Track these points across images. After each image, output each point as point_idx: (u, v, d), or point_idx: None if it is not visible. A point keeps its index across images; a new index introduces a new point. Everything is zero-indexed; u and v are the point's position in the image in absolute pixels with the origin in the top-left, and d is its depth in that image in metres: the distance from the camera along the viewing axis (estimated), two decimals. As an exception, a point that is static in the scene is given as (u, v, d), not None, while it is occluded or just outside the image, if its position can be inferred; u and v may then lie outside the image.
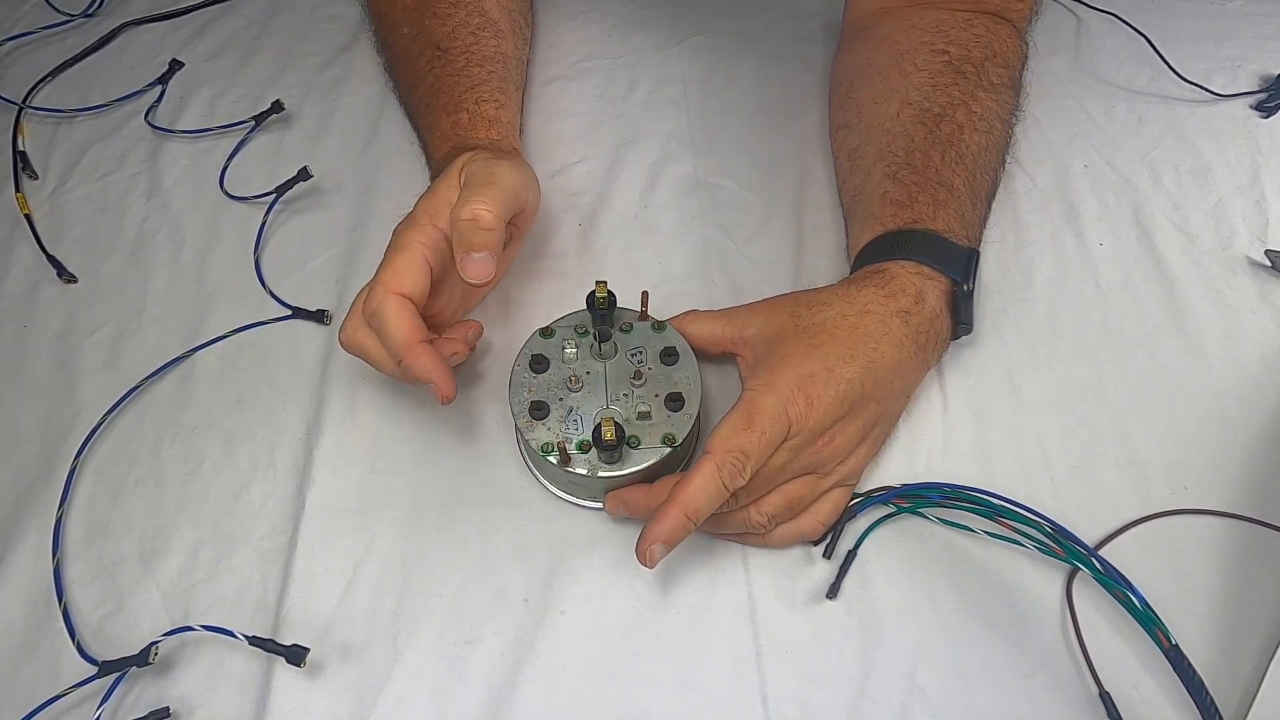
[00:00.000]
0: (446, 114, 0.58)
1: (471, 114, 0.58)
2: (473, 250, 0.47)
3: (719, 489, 0.42)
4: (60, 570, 0.49)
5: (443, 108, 0.58)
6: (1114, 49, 0.73)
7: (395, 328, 0.46)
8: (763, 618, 0.47)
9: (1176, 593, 0.47)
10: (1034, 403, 0.54)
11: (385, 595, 0.48)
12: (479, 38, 0.62)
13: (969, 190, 0.54)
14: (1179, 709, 0.44)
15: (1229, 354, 0.56)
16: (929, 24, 0.60)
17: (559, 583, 0.48)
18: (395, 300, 0.47)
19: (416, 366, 0.46)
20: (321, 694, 0.45)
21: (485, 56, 0.61)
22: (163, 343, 0.58)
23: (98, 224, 0.64)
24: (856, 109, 0.60)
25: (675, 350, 0.50)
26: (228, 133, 0.69)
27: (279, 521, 0.51)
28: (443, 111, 0.58)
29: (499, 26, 0.64)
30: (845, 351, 0.46)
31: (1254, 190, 0.64)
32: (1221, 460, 0.52)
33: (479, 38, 0.62)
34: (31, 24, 0.77)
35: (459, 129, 0.57)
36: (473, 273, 0.47)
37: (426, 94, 0.60)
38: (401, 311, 0.47)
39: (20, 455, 0.54)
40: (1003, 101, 0.58)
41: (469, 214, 0.47)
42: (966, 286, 0.50)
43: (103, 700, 0.44)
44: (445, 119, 0.58)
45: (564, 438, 0.47)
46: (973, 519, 0.48)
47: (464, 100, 0.58)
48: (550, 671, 0.45)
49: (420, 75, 0.61)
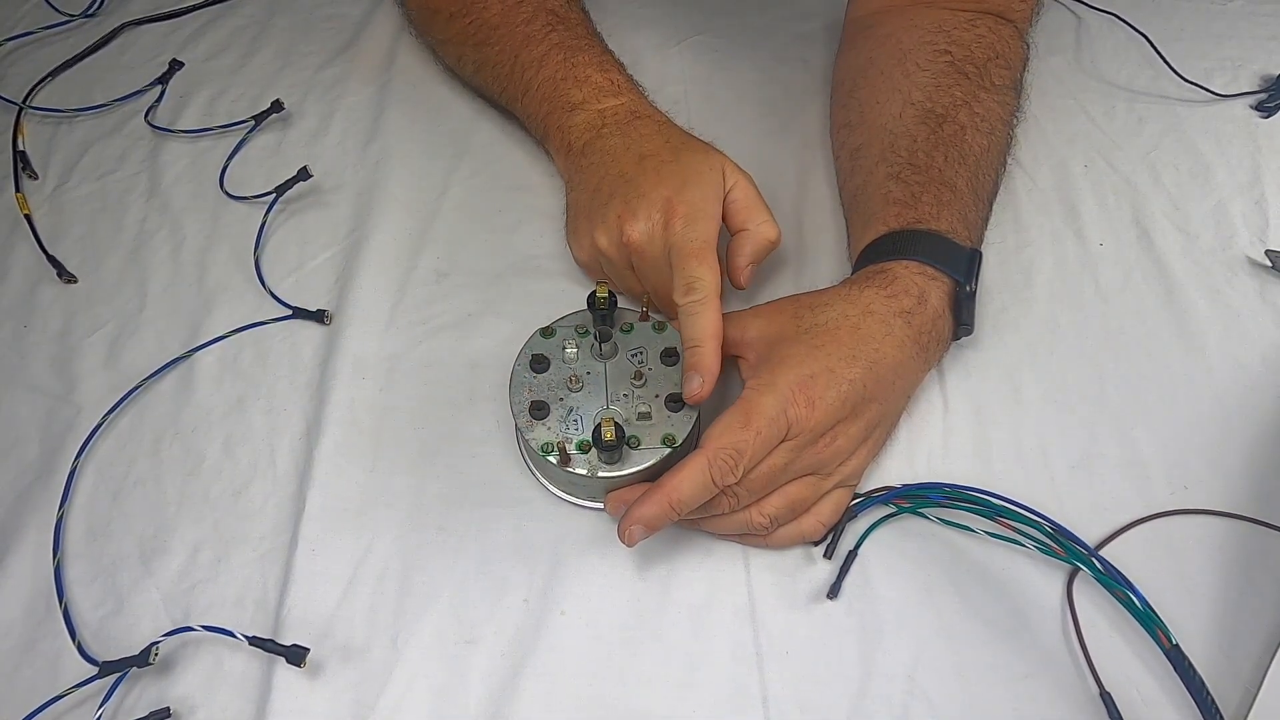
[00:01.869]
0: (598, 70, 0.59)
1: (618, 72, 0.60)
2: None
3: (707, 484, 0.42)
4: (60, 570, 0.49)
5: (587, 63, 0.59)
6: (1114, 49, 0.73)
7: (713, 322, 0.46)
8: (763, 618, 0.47)
9: (1177, 593, 0.47)
10: (1034, 403, 0.54)
11: (385, 595, 0.48)
12: (583, 16, 0.64)
13: (971, 191, 0.54)
14: (1179, 709, 0.44)
15: (1229, 354, 0.56)
16: (932, 24, 0.60)
17: (559, 583, 0.48)
18: (718, 303, 0.47)
19: (709, 359, 0.46)
20: (322, 694, 0.45)
21: (593, 32, 0.63)
22: (162, 343, 0.58)
23: (97, 224, 0.64)
24: (858, 108, 0.60)
25: (676, 351, 0.50)
26: (227, 132, 0.69)
27: (279, 522, 0.51)
28: (589, 66, 0.59)
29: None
30: (847, 352, 0.46)
31: (1254, 190, 0.64)
32: (1221, 460, 0.52)
33: (583, 16, 0.64)
34: (31, 24, 0.77)
35: (619, 89, 0.59)
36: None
37: (549, 49, 0.60)
38: (719, 314, 0.47)
39: (20, 455, 0.54)
40: (1004, 103, 0.58)
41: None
42: (969, 287, 0.50)
43: (103, 701, 0.44)
44: (596, 75, 0.59)
45: (564, 438, 0.47)
46: (973, 519, 0.48)
47: (604, 62, 0.60)
48: (550, 671, 0.45)
49: (535, 36, 0.61)
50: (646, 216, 0.50)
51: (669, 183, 0.51)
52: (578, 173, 0.57)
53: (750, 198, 0.53)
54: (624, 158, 0.54)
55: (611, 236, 0.52)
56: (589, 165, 0.56)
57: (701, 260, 0.48)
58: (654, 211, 0.50)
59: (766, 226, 0.53)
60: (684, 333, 0.47)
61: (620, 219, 0.51)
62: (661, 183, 0.51)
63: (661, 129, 0.56)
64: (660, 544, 0.49)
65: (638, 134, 0.56)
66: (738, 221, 0.53)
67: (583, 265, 0.58)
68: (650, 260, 0.51)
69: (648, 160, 0.53)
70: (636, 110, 0.58)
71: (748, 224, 0.52)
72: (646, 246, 0.51)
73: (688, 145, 0.54)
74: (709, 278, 0.47)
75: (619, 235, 0.51)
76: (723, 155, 0.54)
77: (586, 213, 0.55)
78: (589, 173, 0.56)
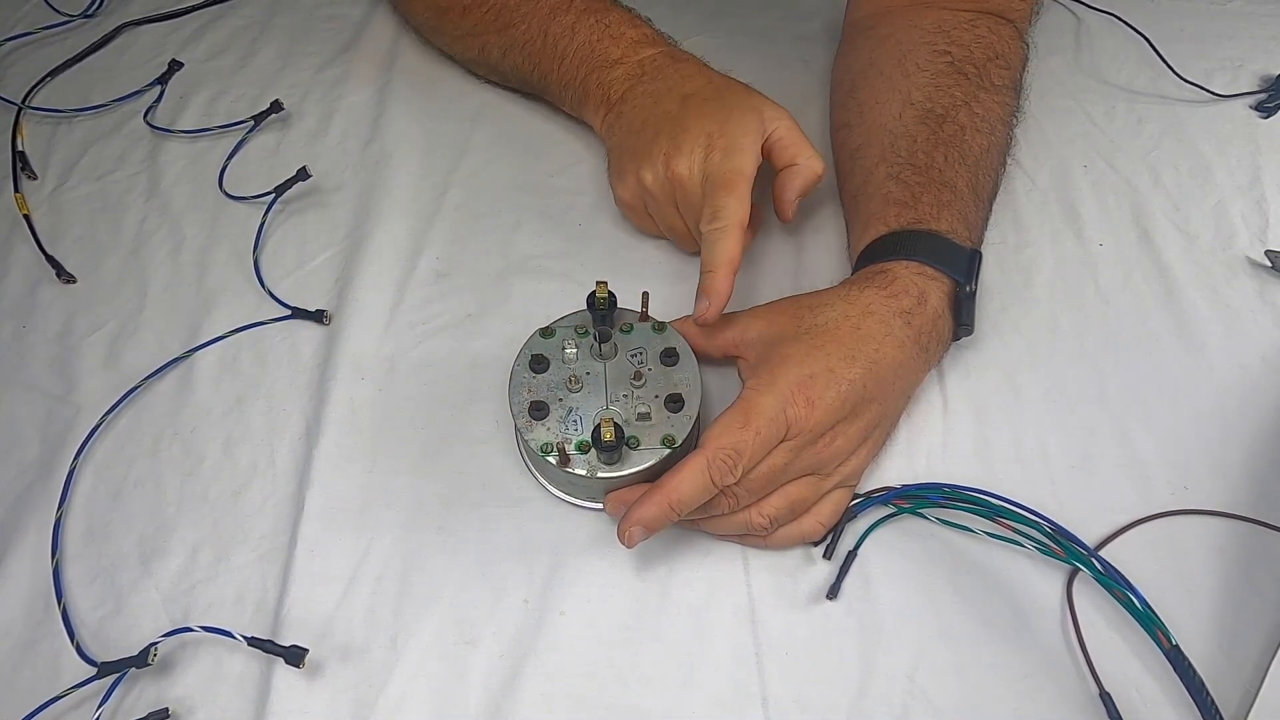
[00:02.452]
0: (630, 26, 0.60)
1: (651, 27, 0.60)
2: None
3: (706, 484, 0.42)
4: (60, 571, 0.49)
5: (619, 21, 0.60)
6: (1114, 49, 0.73)
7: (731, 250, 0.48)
8: (763, 618, 0.47)
9: (1177, 593, 0.47)
10: (1034, 403, 0.54)
11: (385, 595, 0.48)
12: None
13: (971, 191, 0.54)
14: (1179, 709, 0.44)
15: (1229, 354, 0.56)
16: (931, 24, 0.60)
17: (559, 583, 0.48)
18: (740, 233, 0.48)
19: (721, 283, 0.47)
20: (321, 695, 0.45)
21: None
22: (162, 343, 0.58)
23: (97, 224, 0.64)
24: (858, 109, 0.60)
25: (675, 351, 0.50)
26: (227, 133, 0.69)
27: (279, 522, 0.50)
28: (620, 25, 0.60)
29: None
30: (847, 352, 0.46)
31: (1254, 190, 0.64)
32: (1221, 460, 0.52)
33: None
34: (31, 24, 0.77)
35: (654, 40, 0.60)
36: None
37: (581, 17, 0.61)
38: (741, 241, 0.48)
39: (20, 455, 0.54)
40: (1004, 103, 0.58)
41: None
42: (969, 287, 0.50)
43: (102, 701, 0.44)
44: (630, 30, 0.60)
45: (563, 438, 0.47)
46: (973, 519, 0.48)
47: (636, 19, 0.61)
48: (550, 672, 0.45)
49: (560, 5, 0.62)
50: (689, 151, 0.52)
51: (713, 117, 0.52)
52: (619, 119, 0.58)
53: (795, 135, 0.54)
54: (667, 98, 0.55)
55: (657, 173, 0.53)
56: (631, 109, 0.57)
57: (731, 190, 0.48)
58: (697, 146, 0.51)
59: (813, 160, 0.54)
60: (703, 257, 0.48)
61: (666, 155, 0.52)
62: (705, 117, 0.52)
63: (703, 70, 0.58)
64: (660, 544, 0.48)
65: (680, 75, 0.57)
66: (785, 158, 0.54)
67: (626, 206, 0.59)
68: (694, 195, 0.52)
69: (691, 99, 0.54)
70: (675, 55, 0.59)
71: (796, 159, 0.53)
72: (689, 181, 0.51)
73: (730, 85, 0.56)
74: (735, 207, 0.48)
75: (664, 170, 0.52)
76: (764, 96, 0.55)
77: (632, 151, 0.56)
78: (632, 115, 0.57)
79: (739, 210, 0.48)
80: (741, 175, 0.50)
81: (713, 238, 0.48)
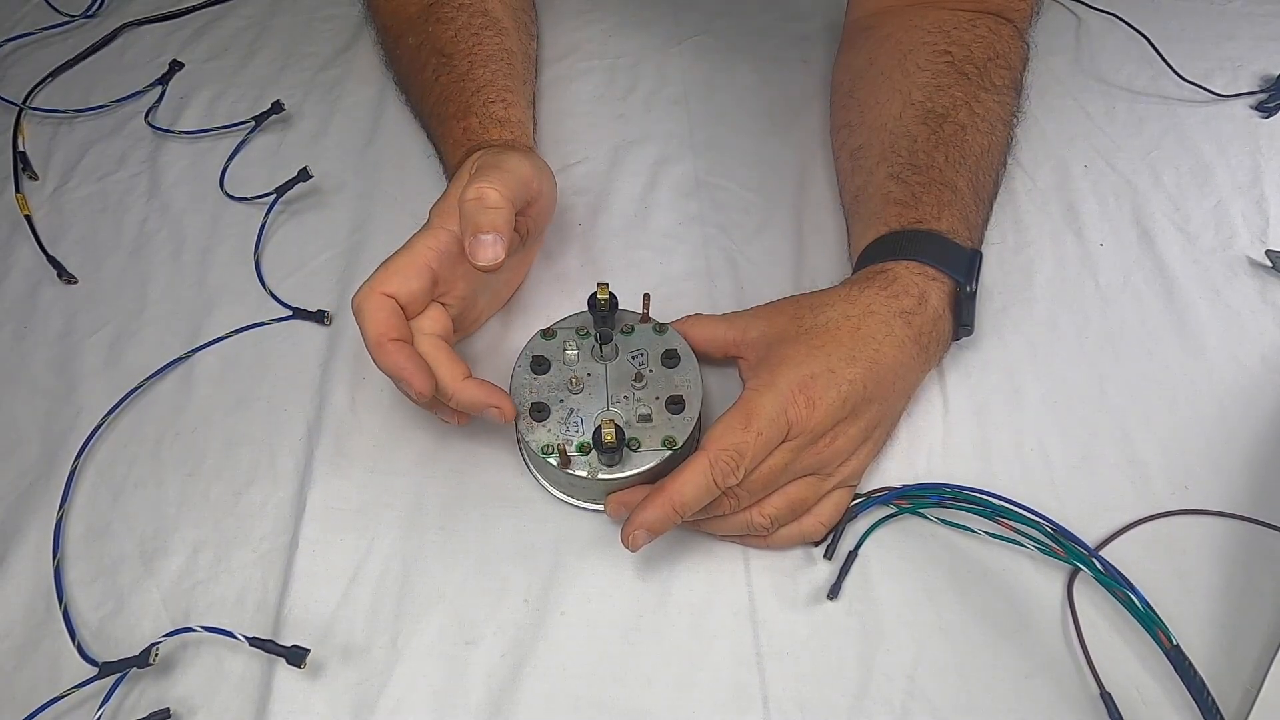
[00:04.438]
0: (457, 120, 0.57)
1: (481, 117, 0.57)
2: (480, 232, 0.46)
3: (709, 485, 0.42)
4: (60, 571, 0.49)
5: (452, 115, 0.58)
6: (1114, 49, 0.73)
7: (370, 322, 0.45)
8: (763, 618, 0.47)
9: (1177, 593, 0.47)
10: (1034, 403, 0.54)
11: (385, 595, 0.48)
12: (482, 38, 0.61)
13: (972, 191, 0.54)
14: (1180, 709, 0.44)
15: (1229, 354, 0.56)
16: (932, 24, 0.60)
17: (559, 583, 0.48)
18: (376, 298, 0.46)
19: (386, 363, 0.45)
20: (322, 695, 0.45)
21: (489, 55, 0.60)
22: (163, 343, 0.58)
23: (98, 224, 0.64)
24: (859, 109, 0.60)
25: (677, 353, 0.50)
26: (228, 133, 0.69)
27: (279, 522, 0.51)
28: (453, 119, 0.57)
29: (502, 24, 0.63)
30: (847, 353, 0.46)
31: (1254, 190, 0.64)
32: (1221, 460, 0.52)
33: (482, 38, 0.61)
34: (32, 24, 0.77)
35: (470, 134, 0.56)
36: (481, 256, 0.46)
37: (436, 103, 0.60)
38: (380, 309, 0.46)
39: (20, 455, 0.54)
40: (1004, 103, 0.58)
41: (473, 193, 0.46)
42: (969, 288, 0.50)
43: (103, 701, 0.44)
44: (456, 125, 0.57)
45: (564, 439, 0.47)
46: (973, 519, 0.48)
47: (472, 104, 0.57)
48: (550, 672, 0.45)
49: (428, 84, 0.60)
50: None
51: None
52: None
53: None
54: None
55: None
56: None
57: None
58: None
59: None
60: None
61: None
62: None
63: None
64: (660, 545, 0.48)
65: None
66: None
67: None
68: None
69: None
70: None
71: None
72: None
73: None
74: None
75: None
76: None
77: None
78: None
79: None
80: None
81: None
